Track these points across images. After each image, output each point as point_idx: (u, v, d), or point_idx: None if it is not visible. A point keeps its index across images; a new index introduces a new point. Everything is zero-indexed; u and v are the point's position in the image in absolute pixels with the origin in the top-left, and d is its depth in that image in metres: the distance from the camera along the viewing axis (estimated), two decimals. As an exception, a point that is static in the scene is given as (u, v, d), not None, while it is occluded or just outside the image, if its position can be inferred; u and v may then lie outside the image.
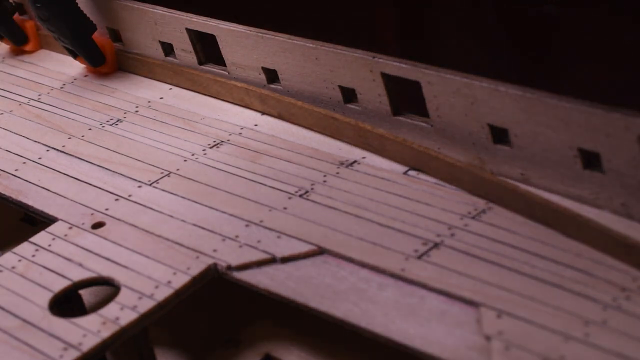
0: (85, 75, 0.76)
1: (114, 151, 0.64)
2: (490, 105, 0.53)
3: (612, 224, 0.48)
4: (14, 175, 0.63)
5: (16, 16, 0.81)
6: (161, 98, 0.70)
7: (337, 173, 0.58)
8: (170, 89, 0.71)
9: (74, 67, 0.77)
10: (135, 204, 0.58)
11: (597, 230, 0.48)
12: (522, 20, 0.62)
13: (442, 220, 0.52)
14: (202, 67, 0.69)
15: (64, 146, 0.66)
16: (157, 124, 0.67)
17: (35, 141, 0.67)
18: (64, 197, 0.60)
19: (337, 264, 0.50)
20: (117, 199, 0.59)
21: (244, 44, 0.65)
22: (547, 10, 0.62)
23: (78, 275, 0.53)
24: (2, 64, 0.81)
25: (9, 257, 0.55)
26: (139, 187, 0.60)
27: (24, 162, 0.65)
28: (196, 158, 0.62)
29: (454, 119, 0.55)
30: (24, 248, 0.56)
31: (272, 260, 0.51)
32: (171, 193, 0.59)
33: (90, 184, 0.61)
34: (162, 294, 0.50)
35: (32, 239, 0.56)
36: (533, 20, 0.63)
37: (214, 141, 0.64)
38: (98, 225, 0.57)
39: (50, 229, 0.57)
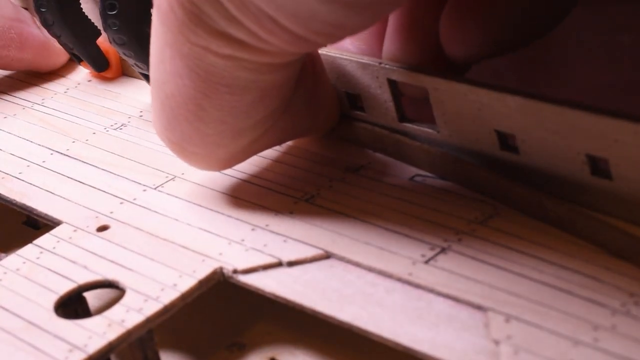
0: (89, 80, 0.76)
1: (118, 155, 0.64)
2: (497, 111, 0.52)
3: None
4: (18, 178, 0.63)
5: (20, 21, 0.81)
6: (165, 103, 0.70)
7: (343, 178, 0.58)
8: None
9: (78, 71, 0.77)
10: (141, 208, 0.58)
11: (617, 231, 0.48)
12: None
13: (450, 226, 0.52)
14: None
15: (68, 150, 0.66)
16: (161, 128, 0.67)
17: (39, 144, 0.67)
18: (69, 200, 0.60)
19: (343, 268, 0.50)
20: (122, 202, 0.59)
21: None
22: None
23: (83, 277, 0.52)
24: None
25: (13, 259, 0.55)
26: (144, 190, 0.60)
27: (28, 165, 0.65)
28: (201, 162, 0.62)
29: (460, 125, 0.55)
30: (29, 250, 0.55)
31: (278, 264, 0.51)
32: (176, 197, 0.59)
33: (95, 187, 0.61)
34: (168, 296, 0.50)
35: (36, 242, 0.56)
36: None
37: (219, 146, 0.63)
38: (103, 228, 0.57)
39: (55, 231, 0.57)
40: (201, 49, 0.47)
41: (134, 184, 0.61)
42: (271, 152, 0.61)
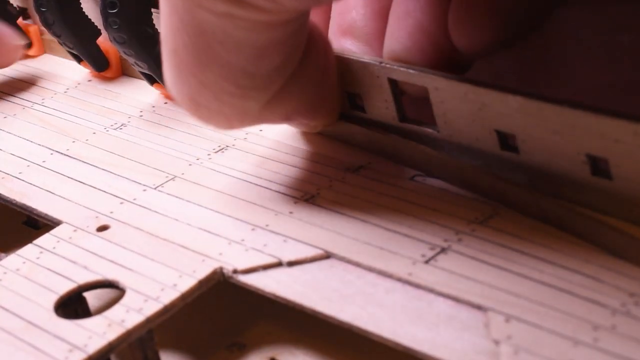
0: (89, 80, 0.76)
1: (119, 155, 0.64)
2: (497, 111, 0.52)
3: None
4: (18, 178, 0.63)
5: (20, 21, 0.81)
6: (165, 102, 0.70)
7: (343, 178, 0.58)
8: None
9: (78, 71, 0.77)
10: (141, 207, 0.58)
11: (617, 231, 0.48)
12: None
13: (450, 226, 0.52)
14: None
15: (68, 150, 0.66)
16: (161, 128, 0.67)
17: (39, 144, 0.67)
18: (69, 200, 0.60)
19: (343, 268, 0.50)
20: (122, 202, 0.59)
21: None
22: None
23: (83, 277, 0.52)
24: (5, 68, 0.80)
25: (13, 259, 0.55)
26: (144, 190, 0.60)
27: (28, 165, 0.65)
28: (201, 162, 0.62)
29: (461, 124, 0.55)
30: (29, 250, 0.55)
31: (278, 264, 0.51)
32: (176, 197, 0.59)
33: (95, 187, 0.61)
34: (168, 296, 0.50)
35: (36, 242, 0.56)
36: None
37: (219, 146, 0.64)
38: (103, 228, 0.57)
39: (55, 231, 0.57)
40: (194, 5, 0.47)
41: (134, 184, 0.61)
42: (271, 152, 0.61)
